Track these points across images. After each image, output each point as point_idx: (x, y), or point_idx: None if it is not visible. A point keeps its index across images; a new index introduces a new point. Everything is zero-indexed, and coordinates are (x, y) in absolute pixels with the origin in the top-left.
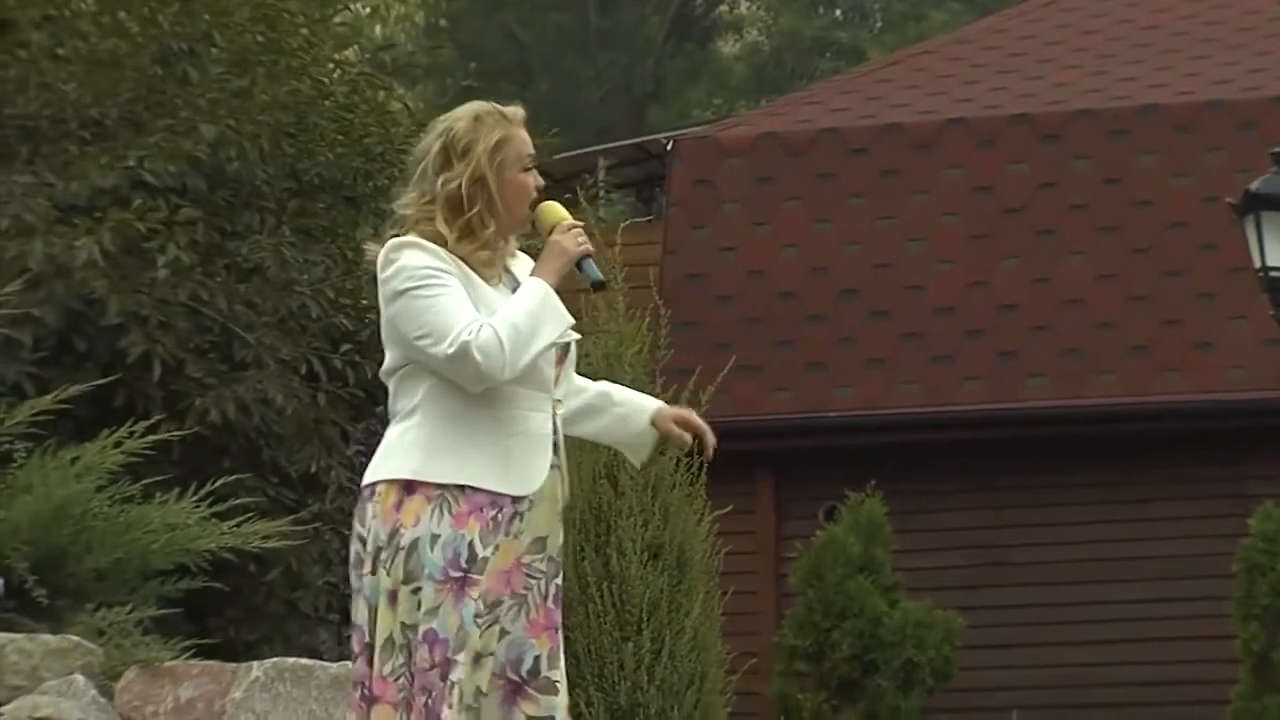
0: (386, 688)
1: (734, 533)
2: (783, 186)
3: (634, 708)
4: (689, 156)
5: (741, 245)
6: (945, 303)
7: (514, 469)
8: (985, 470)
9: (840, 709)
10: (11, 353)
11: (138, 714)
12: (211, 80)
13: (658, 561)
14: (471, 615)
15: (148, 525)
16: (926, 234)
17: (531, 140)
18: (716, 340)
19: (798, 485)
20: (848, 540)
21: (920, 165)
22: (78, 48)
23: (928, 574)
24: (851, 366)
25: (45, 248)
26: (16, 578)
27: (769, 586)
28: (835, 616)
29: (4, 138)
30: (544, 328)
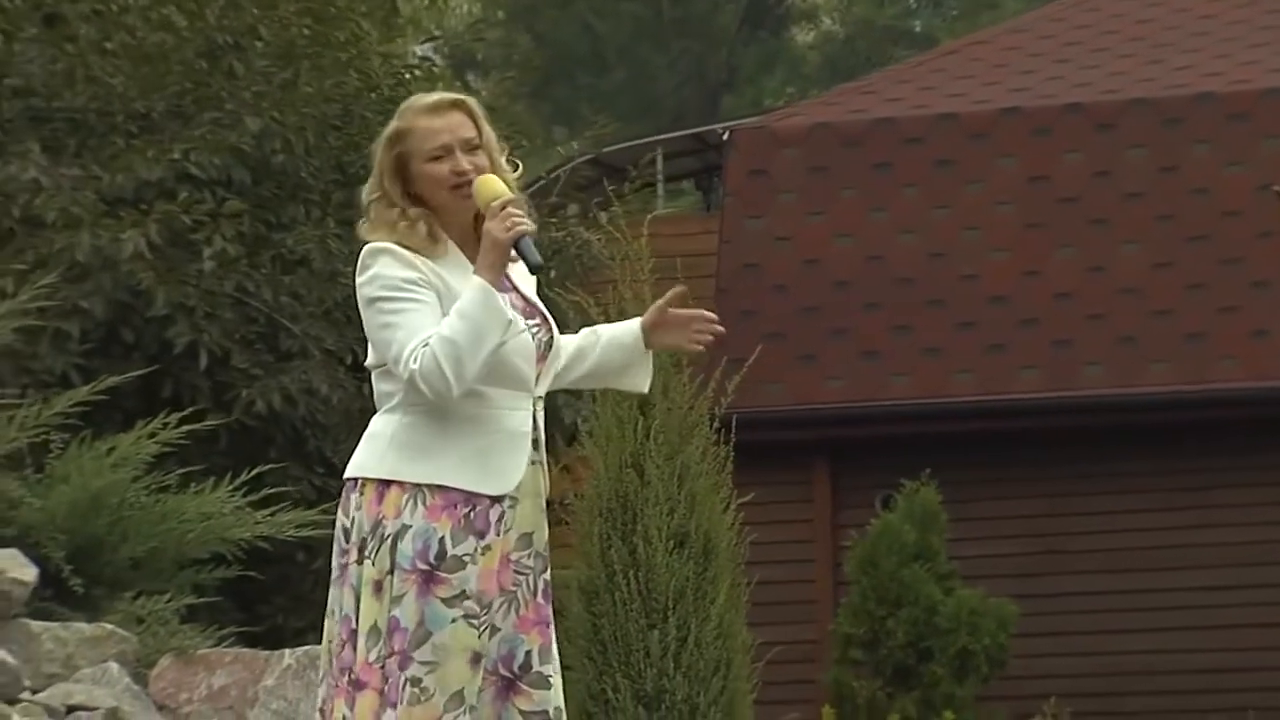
0: (372, 674)
1: (790, 521)
2: (838, 176)
3: (660, 694)
4: (745, 147)
5: (797, 235)
6: (1000, 291)
7: (490, 468)
8: (1041, 458)
9: (895, 696)
10: (59, 344)
11: (171, 701)
12: (257, 73)
13: (683, 549)
14: (436, 614)
15: (183, 514)
16: (981, 223)
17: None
18: (772, 329)
19: (854, 474)
20: (903, 528)
21: (975, 154)
22: (125, 42)
23: (983, 562)
24: (907, 355)
25: (92, 240)
26: (53, 567)
27: (826, 575)
28: (890, 604)
29: (53, 131)
30: (488, 334)
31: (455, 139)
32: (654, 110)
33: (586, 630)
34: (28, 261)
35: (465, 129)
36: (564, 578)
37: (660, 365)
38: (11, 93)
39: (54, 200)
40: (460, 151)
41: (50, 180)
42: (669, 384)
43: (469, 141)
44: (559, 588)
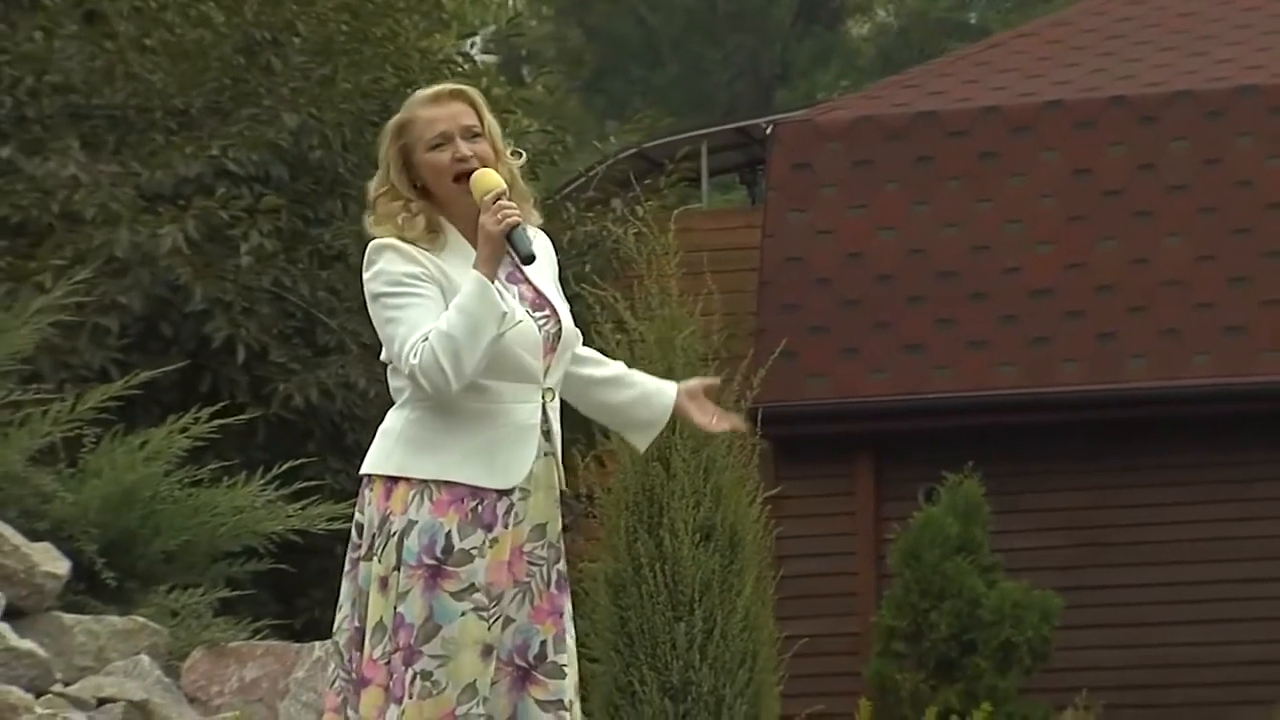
0: (376, 671)
1: (834, 514)
2: (881, 169)
3: (686, 686)
4: (788, 141)
5: (840, 228)
6: (1043, 284)
7: (497, 462)
8: (1084, 451)
9: (938, 689)
10: (98, 339)
11: (203, 693)
12: (295, 69)
13: (710, 542)
14: (444, 608)
15: (215, 508)
16: (1024, 216)
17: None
18: (815, 323)
19: (897, 467)
20: (945, 521)
21: (1018, 148)
22: (164, 38)
23: (1027, 555)
24: (950, 348)
25: (131, 236)
26: (86, 560)
27: (869, 568)
28: (933, 597)
29: (92, 127)
30: (484, 328)
31: (456, 126)
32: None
33: (613, 623)
34: (66, 257)
35: (466, 117)
36: (591, 570)
37: (687, 360)
38: (51, 89)
39: (93, 196)
40: (461, 139)
41: (89, 176)
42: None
43: (469, 129)
44: (587, 580)
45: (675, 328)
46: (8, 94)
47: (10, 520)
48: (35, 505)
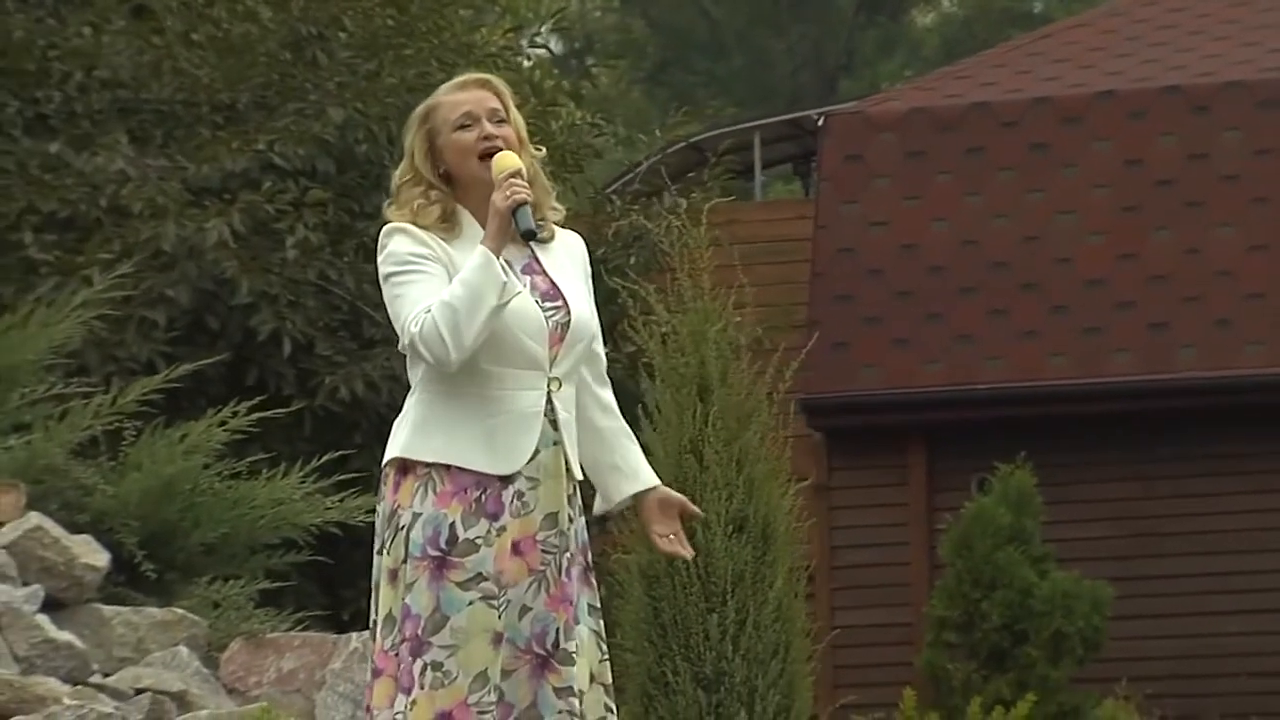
0: (387, 662)
1: (887, 505)
2: (933, 161)
3: (719, 676)
4: (840, 132)
5: (892, 219)
6: (1095, 275)
7: (497, 448)
8: (1136, 441)
9: (990, 679)
10: (145, 332)
11: (241, 684)
12: (340, 64)
13: (742, 534)
14: (451, 598)
15: (254, 501)
16: (1076, 206)
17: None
18: (868, 314)
19: (950, 457)
20: (997, 511)
21: (1070, 138)
22: (211, 34)
23: (1078, 545)
24: (1002, 339)
25: (177, 229)
26: (126, 552)
27: (922, 558)
28: (985, 587)
29: (140, 122)
30: (483, 297)
31: (482, 109)
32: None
33: (647, 614)
34: (114, 251)
35: (489, 101)
36: (625, 561)
37: (719, 353)
38: (100, 84)
39: (141, 191)
40: (487, 120)
41: (137, 171)
42: (728, 370)
43: (495, 112)
44: (620, 571)
45: (708, 320)
46: (57, 89)
47: (51, 513)
48: (76, 498)
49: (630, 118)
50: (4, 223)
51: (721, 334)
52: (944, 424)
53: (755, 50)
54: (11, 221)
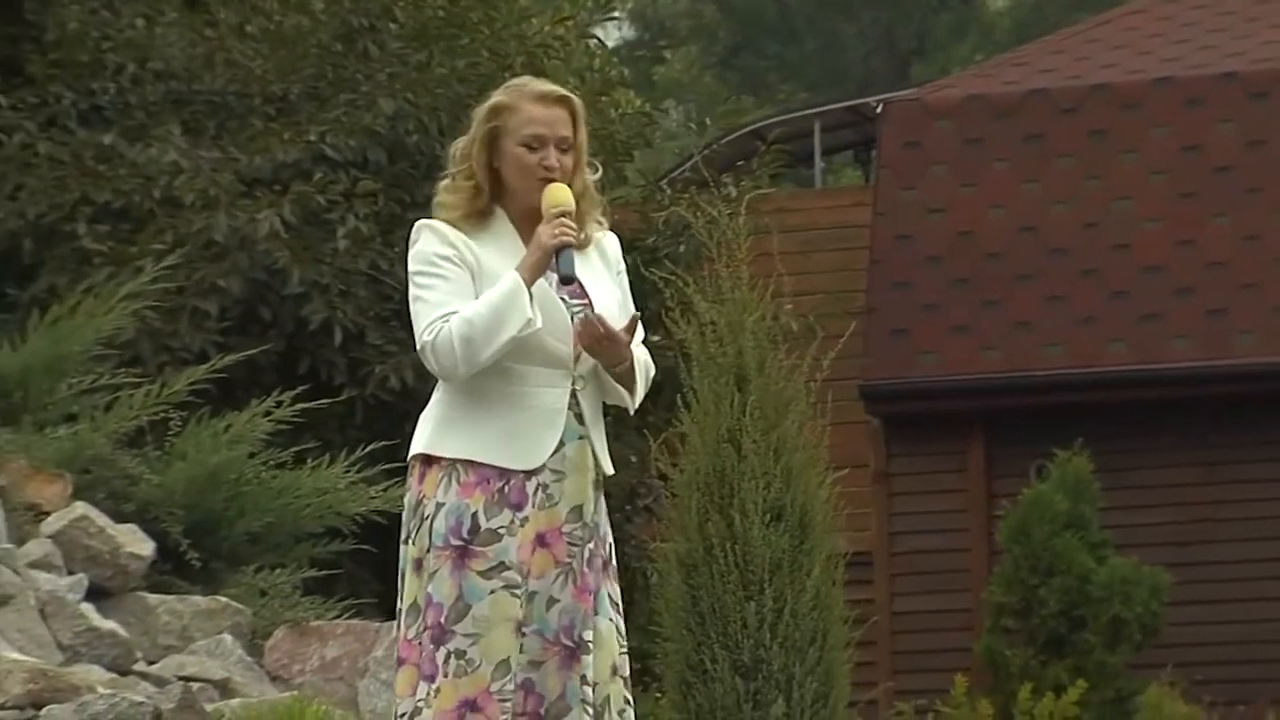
0: (411, 650)
1: (946, 491)
2: (991, 147)
3: (757, 664)
4: (898, 119)
5: (950, 206)
6: (1154, 261)
7: (520, 445)
8: (1195, 427)
9: (1048, 665)
10: (198, 322)
11: (285, 672)
12: (392, 55)
13: (780, 523)
14: (473, 587)
15: (298, 490)
16: (1134, 193)
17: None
18: (926, 301)
19: (1009, 443)
20: (1054, 498)
21: (1128, 125)
22: (263, 25)
23: (1136, 531)
24: (1060, 325)
25: (229, 220)
26: (172, 541)
27: (981, 544)
28: (1042, 573)
29: (193, 113)
30: (506, 324)
31: (553, 135)
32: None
33: (685, 602)
34: (167, 242)
35: (564, 127)
36: (663, 550)
37: (756, 343)
38: (153, 76)
39: (193, 182)
40: (554, 148)
41: (190, 162)
42: (765, 360)
43: (564, 140)
44: (659, 560)
45: (746, 311)
46: (111, 80)
47: (98, 502)
48: (122, 487)
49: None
50: (59, 213)
51: (759, 324)
52: (1003, 410)
53: (827, 34)
54: (66, 212)
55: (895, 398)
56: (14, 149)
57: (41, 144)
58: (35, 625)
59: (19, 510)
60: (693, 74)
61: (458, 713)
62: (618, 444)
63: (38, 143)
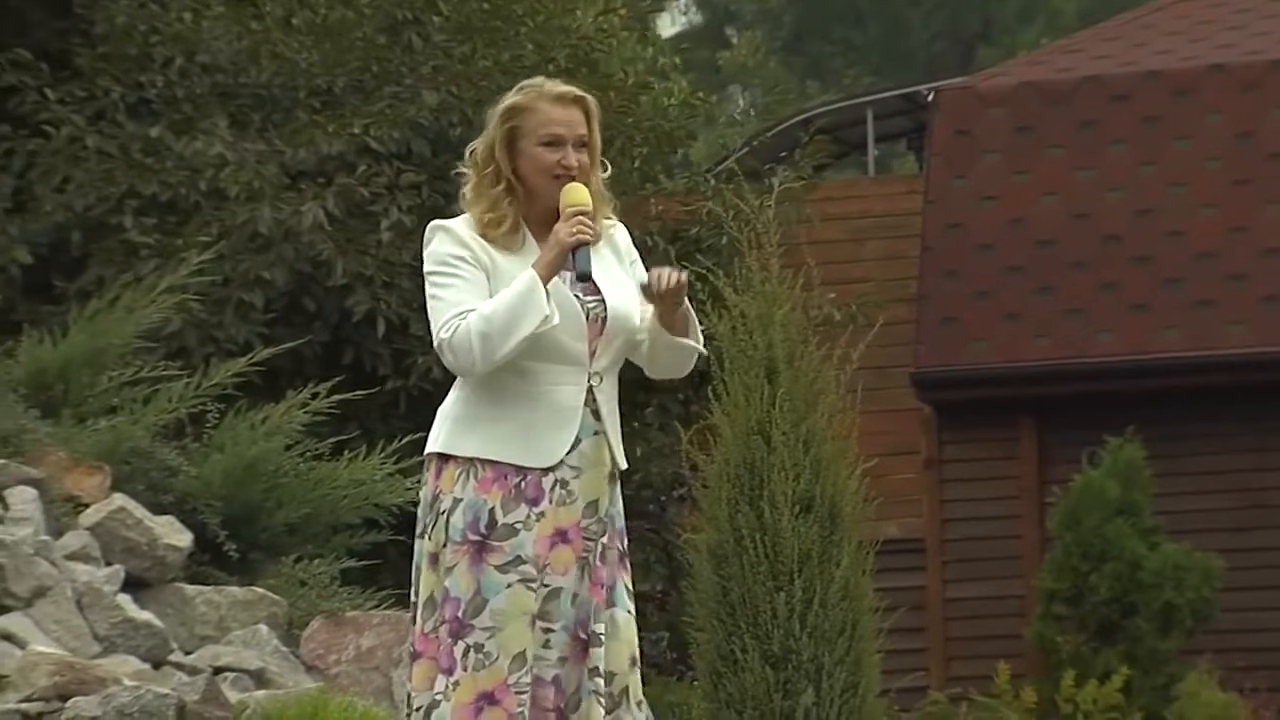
0: (428, 644)
1: (998, 478)
2: (1043, 135)
3: (787, 654)
4: (950, 107)
5: (1002, 194)
6: (1207, 248)
7: (535, 442)
8: (1248, 413)
9: (1099, 651)
10: (243, 313)
11: (321, 662)
12: (435, 48)
13: (809, 514)
14: (491, 581)
15: (335, 481)
16: (1188, 179)
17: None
18: (978, 288)
19: (1061, 430)
20: (1106, 484)
21: (1182, 111)
22: (309, 19)
23: (1189, 517)
24: (1113, 312)
25: (273, 212)
26: (210, 532)
27: (1033, 530)
28: (1094, 560)
29: (239, 106)
30: (522, 321)
31: (571, 135)
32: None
33: (715, 592)
34: (212, 234)
35: (580, 126)
36: (693, 541)
37: (786, 334)
38: (200, 69)
39: (239, 174)
40: (571, 147)
41: (235, 155)
42: (795, 352)
43: (581, 138)
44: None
45: (775, 304)
46: (159, 74)
47: (137, 494)
48: (161, 479)
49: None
50: (106, 206)
51: (789, 316)
52: (1054, 397)
53: (892, 19)
54: (113, 205)
55: (947, 385)
56: (62, 142)
57: (89, 137)
58: (72, 616)
59: (58, 502)
60: (758, 59)
61: (476, 705)
62: (660, 433)
63: (86, 136)
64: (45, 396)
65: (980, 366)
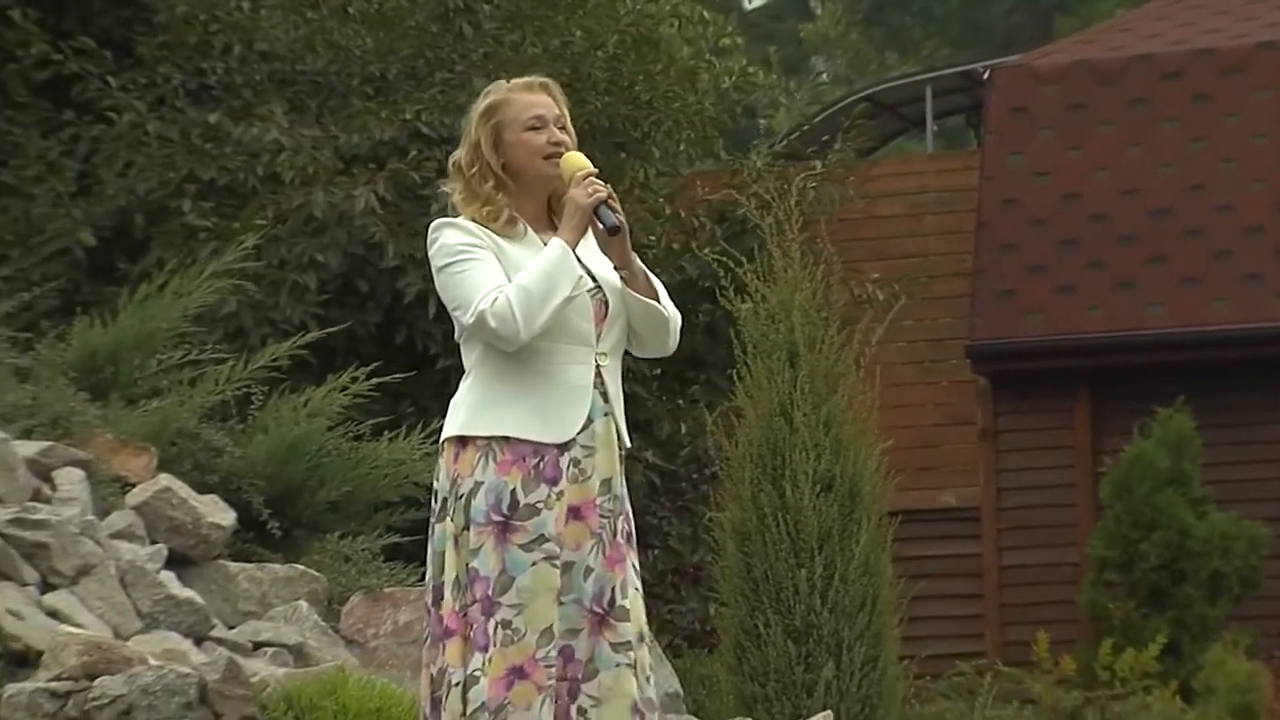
0: (458, 623)
1: (1052, 448)
2: (1096, 112)
3: (808, 629)
4: (1005, 85)
5: (1056, 170)
6: (1256, 222)
7: (550, 419)
8: None
9: (1149, 617)
10: (298, 295)
11: (360, 636)
12: (485, 35)
13: (830, 493)
14: (516, 560)
15: (375, 461)
16: (1237, 155)
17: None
18: (1032, 262)
19: (1114, 400)
20: (1156, 455)
21: (1232, 88)
22: (363, 8)
23: (1239, 486)
24: (1164, 285)
25: (327, 196)
26: (254, 511)
27: (1087, 499)
28: (1144, 528)
29: (296, 93)
30: (558, 287)
31: (551, 114)
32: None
33: (739, 569)
34: (268, 217)
35: (555, 107)
36: (719, 520)
37: (806, 319)
38: (259, 57)
39: (295, 159)
40: (554, 126)
41: (291, 140)
42: (815, 336)
43: (559, 118)
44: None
45: (796, 290)
46: (218, 61)
47: (183, 474)
48: (207, 459)
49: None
50: (166, 190)
51: (810, 301)
52: (1107, 369)
53: None
54: (173, 189)
55: (1002, 357)
56: (125, 128)
57: (151, 123)
58: (116, 593)
59: (105, 483)
60: (839, 30)
61: (507, 680)
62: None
63: (147, 122)
64: (95, 379)
65: (1034, 339)
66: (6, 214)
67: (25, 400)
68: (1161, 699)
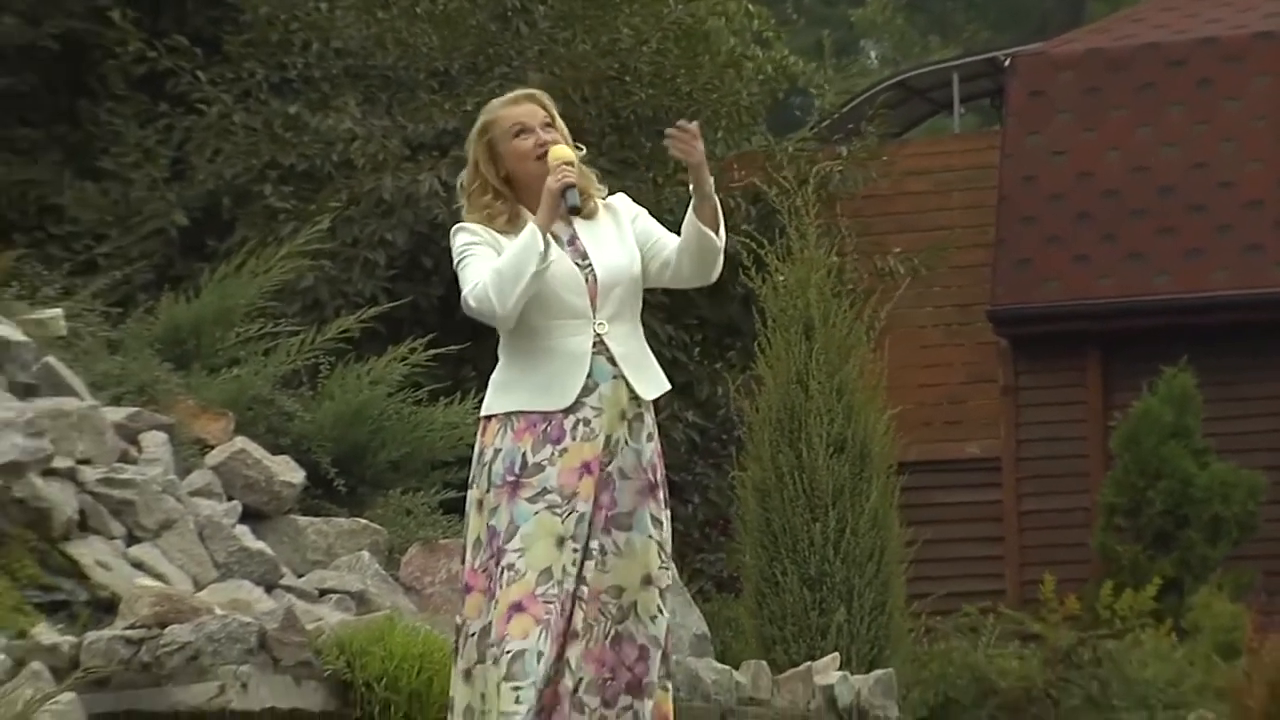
0: (477, 579)
1: (1067, 403)
2: (1108, 96)
3: (822, 577)
4: (1025, 71)
5: (1071, 149)
6: (1255, 197)
7: (553, 388)
8: None
9: (1155, 558)
10: (369, 270)
11: (418, 584)
12: (540, 34)
13: (842, 454)
14: (521, 511)
15: (431, 424)
16: (1239, 136)
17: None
18: (1049, 234)
19: (1123, 360)
20: (1161, 410)
21: (1232, 75)
22: (429, 8)
23: (1237, 439)
24: (1170, 255)
25: (395, 181)
26: (322, 470)
27: (1098, 452)
28: (1150, 477)
29: (368, 86)
30: (526, 265)
31: (534, 120)
32: (1021, 17)
33: (759, 523)
34: (342, 200)
35: (539, 114)
36: (741, 478)
37: (821, 295)
38: (334, 53)
39: (366, 147)
40: (539, 129)
41: (363, 130)
42: (830, 311)
43: (544, 121)
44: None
45: (811, 269)
46: (298, 57)
47: (258, 437)
48: (280, 423)
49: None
50: (250, 175)
51: (824, 280)
52: (1117, 332)
53: None
54: (256, 174)
55: (1021, 320)
56: (213, 118)
57: (237, 114)
58: (194, 546)
59: (186, 445)
60: (886, 15)
61: (508, 615)
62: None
63: (234, 113)
64: (179, 351)
65: (1051, 304)
66: (107, 197)
67: (115, 370)
68: (1154, 637)
